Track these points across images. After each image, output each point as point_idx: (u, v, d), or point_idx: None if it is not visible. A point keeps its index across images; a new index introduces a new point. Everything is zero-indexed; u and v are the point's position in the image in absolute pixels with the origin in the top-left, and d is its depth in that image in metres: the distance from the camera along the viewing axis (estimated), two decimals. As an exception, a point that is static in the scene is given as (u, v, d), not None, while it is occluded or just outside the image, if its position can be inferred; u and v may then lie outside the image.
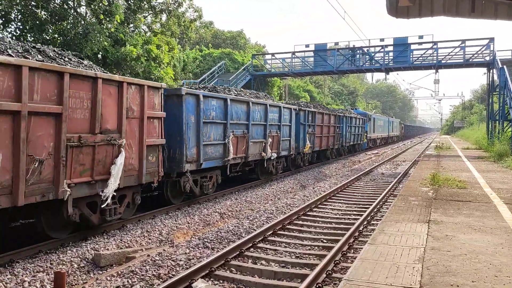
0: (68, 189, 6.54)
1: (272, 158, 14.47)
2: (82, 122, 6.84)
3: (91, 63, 8.19)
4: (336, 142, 23.62)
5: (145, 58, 17.92)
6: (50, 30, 16.02)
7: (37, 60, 6.33)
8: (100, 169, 7.22)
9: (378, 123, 39.11)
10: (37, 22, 15.14)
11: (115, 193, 7.57)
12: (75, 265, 6.25)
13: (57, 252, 6.72)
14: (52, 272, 5.76)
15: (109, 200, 7.45)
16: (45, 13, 15.42)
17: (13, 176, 5.80)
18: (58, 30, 15.84)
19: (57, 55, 7.19)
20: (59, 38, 15.98)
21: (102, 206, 7.43)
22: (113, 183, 7.41)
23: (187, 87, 11.21)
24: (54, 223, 7.08)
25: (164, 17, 21.08)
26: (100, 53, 16.64)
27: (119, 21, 16.56)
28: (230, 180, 14.29)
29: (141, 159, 8.21)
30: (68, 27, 15.50)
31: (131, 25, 19.04)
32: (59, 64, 6.72)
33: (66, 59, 7.26)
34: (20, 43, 6.86)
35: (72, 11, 16.36)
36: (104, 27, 16.07)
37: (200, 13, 23.60)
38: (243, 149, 12.56)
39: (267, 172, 15.07)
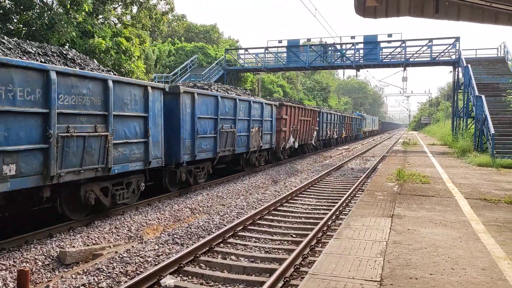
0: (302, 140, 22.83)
1: (335, 137, 32.58)
2: (309, 123, 23.27)
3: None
4: (351, 133, 41.34)
5: (115, 50, 17.55)
6: (15, 20, 15.45)
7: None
8: (310, 136, 23.61)
9: (367, 121, 58.00)
10: (1, 11, 14.56)
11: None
12: (40, 263, 6.12)
13: (20, 249, 6.55)
14: (15, 270, 5.63)
15: (314, 143, 25.10)
16: (10, 2, 14.85)
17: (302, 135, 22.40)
18: (23, 20, 15.29)
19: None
20: (24, 29, 15.44)
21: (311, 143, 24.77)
22: (314, 140, 24.48)
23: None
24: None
25: (134, 9, 20.70)
26: (67, 44, 16.18)
27: (87, 10, 16.12)
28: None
29: (311, 135, 24.06)
30: (34, 17, 14.98)
31: (100, 16, 18.59)
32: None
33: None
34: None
35: (38, 0, 15.81)
36: (72, 17, 15.62)
37: (172, 6, 23.27)
38: (331, 132, 30.40)
39: (330, 144, 32.02)
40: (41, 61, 7.40)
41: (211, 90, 13.25)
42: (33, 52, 7.66)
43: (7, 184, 6.14)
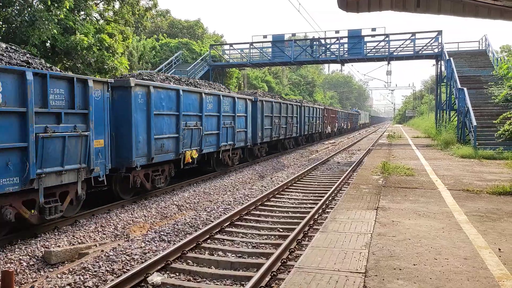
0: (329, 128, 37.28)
1: (345, 127, 46.45)
2: (334, 118, 39.28)
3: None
4: (352, 125, 55.95)
5: (98, 47, 17.29)
6: (-7, 17, 15.09)
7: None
8: (333, 126, 39.13)
9: (361, 116, 72.60)
10: (-22, 8, 14.22)
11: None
12: (24, 264, 6.04)
13: (4, 250, 6.46)
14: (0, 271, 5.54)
15: (335, 130, 41.15)
16: (-13, -2, 14.51)
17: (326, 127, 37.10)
18: (2, 17, 14.95)
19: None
20: (3, 26, 15.10)
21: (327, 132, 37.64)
22: (336, 128, 39.95)
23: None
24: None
25: (117, 4, 20.39)
26: (49, 41, 15.89)
27: (68, 7, 15.84)
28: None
29: (335, 126, 40.54)
30: (14, 14, 14.65)
31: (82, 12, 18.29)
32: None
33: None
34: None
35: (17, -3, 15.45)
36: (53, 14, 15.31)
37: (155, 1, 22.96)
38: (343, 124, 46.54)
39: (341, 132, 45.26)
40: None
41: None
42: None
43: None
